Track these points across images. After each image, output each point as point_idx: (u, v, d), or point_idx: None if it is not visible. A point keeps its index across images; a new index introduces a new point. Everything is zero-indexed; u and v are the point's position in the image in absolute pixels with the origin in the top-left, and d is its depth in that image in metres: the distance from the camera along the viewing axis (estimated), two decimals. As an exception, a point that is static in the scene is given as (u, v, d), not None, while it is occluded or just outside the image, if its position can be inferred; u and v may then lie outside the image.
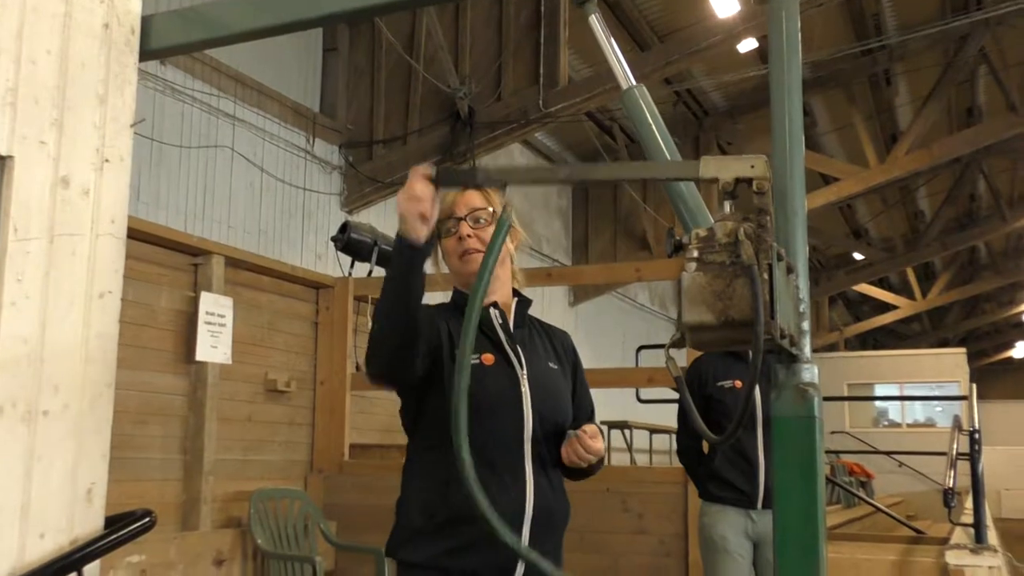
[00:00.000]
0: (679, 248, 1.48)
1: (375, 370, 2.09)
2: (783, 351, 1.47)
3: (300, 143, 9.22)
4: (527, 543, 2.12)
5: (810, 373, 1.50)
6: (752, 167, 1.47)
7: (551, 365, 2.31)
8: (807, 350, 1.51)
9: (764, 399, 3.90)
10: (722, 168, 1.49)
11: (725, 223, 1.44)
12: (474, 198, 2.26)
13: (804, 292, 1.52)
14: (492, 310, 2.25)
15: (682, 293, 1.42)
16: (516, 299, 2.34)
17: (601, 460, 2.23)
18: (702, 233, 1.45)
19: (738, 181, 1.48)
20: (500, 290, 2.29)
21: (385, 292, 2.01)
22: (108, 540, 2.02)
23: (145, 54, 2.10)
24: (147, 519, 2.09)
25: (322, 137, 9.53)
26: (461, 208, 2.24)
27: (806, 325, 1.52)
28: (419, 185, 1.89)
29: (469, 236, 2.21)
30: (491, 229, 2.26)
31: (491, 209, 2.25)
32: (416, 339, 2.04)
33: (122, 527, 2.05)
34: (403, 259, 1.96)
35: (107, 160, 2.04)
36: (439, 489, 2.12)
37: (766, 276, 1.39)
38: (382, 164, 9.72)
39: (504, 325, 2.26)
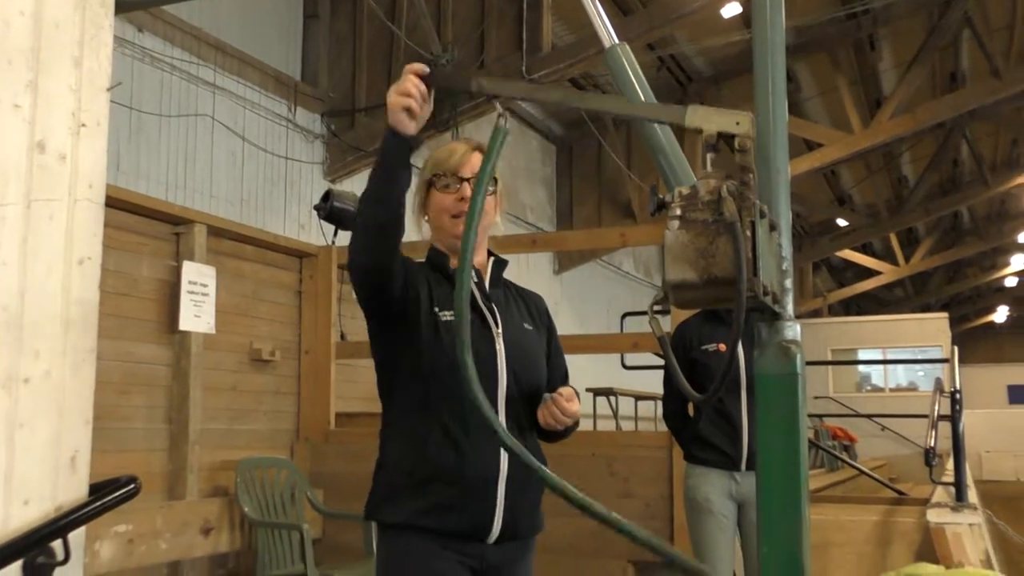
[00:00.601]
0: (662, 206, 1.47)
1: (359, 253, 2.08)
2: (766, 309, 1.47)
3: (282, 112, 9.13)
4: (502, 504, 2.12)
5: (793, 331, 1.50)
6: (737, 123, 1.46)
7: (526, 326, 2.31)
8: (790, 308, 1.51)
9: (748, 363, 3.92)
10: (708, 119, 1.48)
11: (708, 181, 1.43)
12: (457, 160, 2.24)
13: (787, 250, 1.52)
14: None
15: (665, 251, 1.42)
16: (492, 259, 2.33)
17: (576, 422, 2.24)
18: (685, 191, 1.45)
19: (721, 136, 1.47)
20: (477, 251, 2.28)
21: (371, 182, 2.03)
22: (93, 507, 2.01)
23: (118, 6, 2.07)
24: (132, 486, 2.09)
25: (304, 106, 9.44)
26: (466, 170, 2.22)
27: (789, 283, 1.52)
28: (411, 81, 1.93)
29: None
30: (491, 200, 2.26)
31: (496, 178, 2.24)
32: (400, 230, 2.05)
33: (107, 493, 2.05)
34: (391, 150, 1.99)
35: (84, 124, 2.01)
36: (418, 448, 2.13)
37: (749, 233, 1.39)
38: (365, 133, 9.64)
39: (480, 284, 2.27)
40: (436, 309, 2.16)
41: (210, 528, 4.80)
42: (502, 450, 2.13)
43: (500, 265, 2.34)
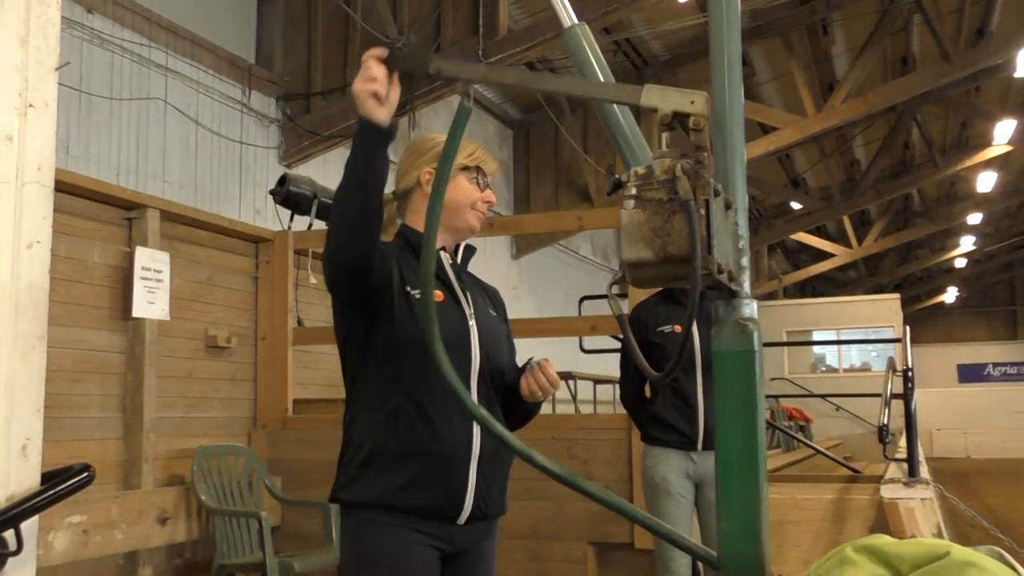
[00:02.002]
0: (618, 186, 1.47)
1: (341, 250, 2.03)
2: (722, 287, 1.48)
3: (236, 96, 9.01)
4: (475, 480, 2.14)
5: (750, 308, 1.51)
6: (692, 103, 1.46)
7: (491, 312, 2.37)
8: (746, 285, 1.52)
9: (704, 344, 3.95)
10: (664, 99, 1.47)
11: (663, 160, 1.43)
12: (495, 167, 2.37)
13: (743, 228, 1.53)
14: (441, 252, 2.28)
15: (621, 230, 1.42)
16: (462, 246, 2.38)
17: (539, 405, 2.27)
18: (641, 171, 1.45)
19: (676, 115, 1.47)
20: (446, 236, 2.32)
21: (346, 175, 1.99)
22: (46, 495, 1.98)
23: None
24: (85, 474, 2.05)
25: (258, 89, 9.33)
26: (491, 167, 2.34)
27: (745, 261, 1.53)
28: (372, 67, 1.90)
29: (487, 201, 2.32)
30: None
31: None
32: (379, 222, 2.03)
33: (60, 482, 2.01)
34: (367, 140, 1.96)
35: (31, 105, 1.96)
36: (390, 424, 2.12)
37: (703, 211, 1.40)
38: (320, 117, 9.55)
39: (453, 265, 2.31)
40: (408, 288, 2.16)
41: (166, 517, 4.75)
42: (474, 427, 2.14)
43: (469, 250, 2.39)
